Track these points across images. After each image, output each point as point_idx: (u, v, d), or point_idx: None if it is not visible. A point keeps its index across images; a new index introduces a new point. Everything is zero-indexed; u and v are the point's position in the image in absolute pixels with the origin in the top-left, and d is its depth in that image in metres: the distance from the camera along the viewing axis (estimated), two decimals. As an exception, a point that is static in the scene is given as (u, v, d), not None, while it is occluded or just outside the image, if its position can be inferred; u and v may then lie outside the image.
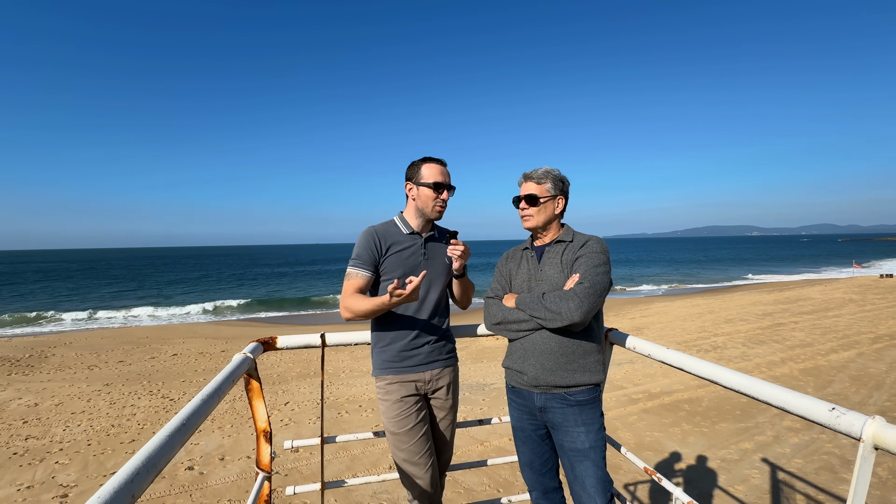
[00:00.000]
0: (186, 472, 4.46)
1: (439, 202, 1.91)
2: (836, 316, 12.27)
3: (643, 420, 5.53)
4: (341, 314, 1.83)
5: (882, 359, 7.75)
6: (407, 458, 1.86)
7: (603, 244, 1.76)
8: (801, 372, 7.25)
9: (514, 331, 1.76)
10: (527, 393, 1.79)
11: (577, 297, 1.60)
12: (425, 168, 1.92)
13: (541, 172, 1.84)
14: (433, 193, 1.89)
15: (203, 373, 9.12)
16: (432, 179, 1.89)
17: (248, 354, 1.42)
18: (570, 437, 1.70)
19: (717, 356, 8.59)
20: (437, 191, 1.90)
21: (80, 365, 9.81)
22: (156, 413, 6.44)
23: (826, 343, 9.10)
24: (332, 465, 4.57)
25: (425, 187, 1.90)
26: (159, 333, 15.07)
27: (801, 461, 4.36)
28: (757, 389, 1.09)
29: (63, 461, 4.85)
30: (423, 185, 1.90)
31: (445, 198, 1.92)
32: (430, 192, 1.90)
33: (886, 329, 10.18)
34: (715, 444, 4.81)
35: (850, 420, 0.89)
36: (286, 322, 20.03)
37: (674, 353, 1.47)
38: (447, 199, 1.93)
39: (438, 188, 1.90)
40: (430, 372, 1.93)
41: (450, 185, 1.94)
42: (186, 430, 0.88)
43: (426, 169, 1.92)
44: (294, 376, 8.60)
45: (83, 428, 5.84)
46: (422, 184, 1.91)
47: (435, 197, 1.90)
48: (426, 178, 1.90)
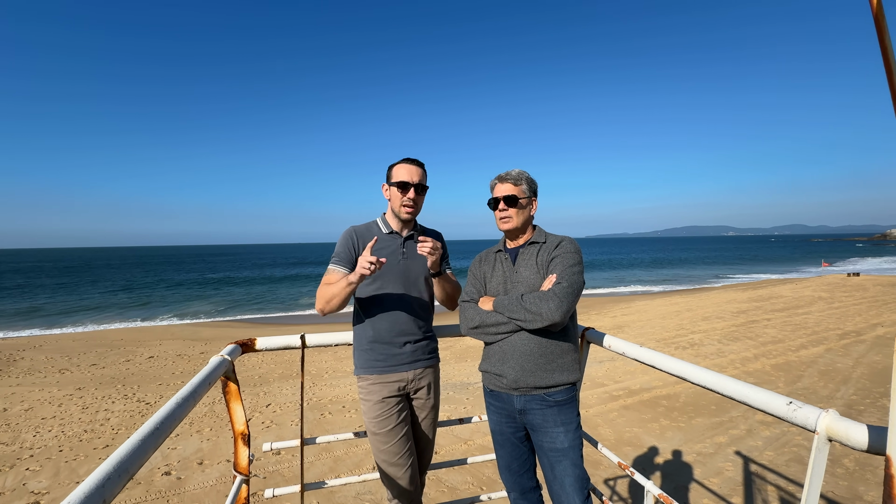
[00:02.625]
0: (163, 478, 4.36)
1: (405, 201, 1.91)
2: (806, 313, 12.74)
3: (623, 416, 5.65)
4: (315, 306, 1.83)
5: (849, 354, 8.08)
6: (387, 459, 1.86)
7: (576, 244, 1.79)
8: (773, 367, 7.51)
9: (493, 333, 1.76)
10: (506, 396, 1.79)
11: (556, 298, 1.61)
12: (396, 168, 1.95)
13: (516, 174, 1.84)
14: (399, 193, 1.91)
15: (181, 375, 8.92)
16: (398, 179, 1.91)
17: (226, 356, 1.40)
18: (549, 438, 1.72)
19: (694, 353, 8.82)
20: (401, 190, 1.90)
21: (51, 368, 9.47)
22: (130, 417, 6.27)
23: (796, 339, 9.45)
24: (315, 466, 4.54)
25: (394, 187, 1.92)
26: (135, 335, 14.66)
27: (773, 453, 4.53)
28: (721, 385, 1.14)
29: (34, 468, 4.69)
30: (392, 184, 1.93)
31: (411, 196, 1.91)
32: (396, 191, 1.91)
33: (853, 325, 10.62)
34: (691, 439, 4.94)
35: (806, 413, 0.94)
36: (270, 322, 19.72)
37: (646, 351, 1.52)
38: (413, 197, 1.91)
39: (403, 187, 1.90)
40: (412, 372, 1.94)
41: (418, 183, 1.92)
42: (160, 435, 0.88)
43: (396, 169, 1.94)
44: (276, 377, 8.48)
45: (54, 433, 5.65)
46: (392, 184, 1.93)
47: (400, 196, 1.91)
48: (395, 177, 1.93)
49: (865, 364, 7.43)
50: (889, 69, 0.91)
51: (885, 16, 0.90)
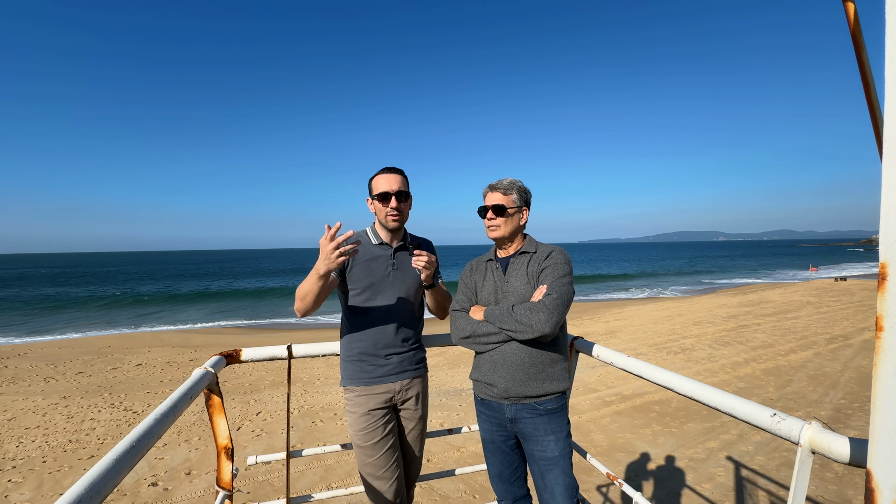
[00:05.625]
0: (150, 489, 4.28)
1: (390, 211, 1.89)
2: (795, 318, 12.89)
3: (616, 422, 5.65)
4: (294, 309, 1.79)
5: (837, 358, 8.18)
6: (372, 472, 1.84)
7: (566, 255, 1.79)
8: (762, 372, 7.57)
9: (484, 343, 1.76)
10: (497, 405, 1.79)
11: (546, 309, 1.62)
12: (374, 181, 1.93)
13: (506, 183, 1.85)
14: (381, 205, 1.90)
15: (169, 383, 8.78)
16: (378, 191, 1.90)
17: (209, 369, 1.38)
18: (540, 447, 1.72)
19: (685, 358, 8.87)
20: (383, 201, 1.89)
21: (36, 377, 9.28)
22: (117, 427, 6.16)
23: (786, 344, 9.54)
24: (306, 475, 4.48)
25: (376, 199, 1.91)
26: (123, 342, 14.43)
27: (763, 458, 4.55)
28: (707, 396, 1.14)
29: (16, 479, 4.57)
30: (374, 197, 1.92)
31: (394, 205, 1.88)
32: (379, 203, 1.90)
33: (841, 330, 10.76)
34: (683, 444, 4.96)
35: (790, 426, 0.94)
36: (262, 328, 19.52)
37: (633, 360, 1.52)
38: (396, 206, 1.89)
39: (384, 198, 1.89)
40: (400, 382, 1.92)
41: (399, 191, 1.89)
42: (136, 453, 0.85)
43: (375, 182, 1.93)
44: (267, 385, 8.38)
45: (38, 444, 5.53)
46: (374, 196, 1.92)
47: (384, 207, 1.89)
48: (374, 189, 1.92)
49: (853, 368, 7.52)
50: (865, 81, 0.92)
51: (861, 31, 0.91)
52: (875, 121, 0.82)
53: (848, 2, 0.85)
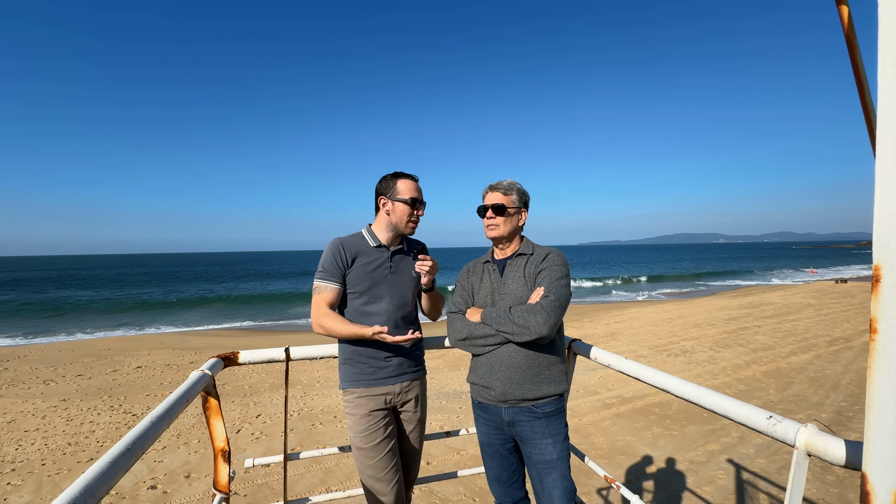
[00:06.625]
0: (148, 492, 4.27)
1: (414, 218, 1.93)
2: (796, 320, 12.86)
3: (616, 425, 5.64)
4: (313, 329, 1.81)
5: (837, 361, 8.16)
6: (373, 475, 1.84)
7: (563, 257, 1.80)
8: (763, 374, 7.55)
9: (481, 346, 1.75)
10: (494, 408, 1.79)
11: (544, 311, 1.62)
12: (401, 184, 1.92)
13: (507, 184, 1.86)
14: (408, 209, 1.90)
15: (169, 386, 8.77)
16: (409, 195, 1.90)
17: (206, 371, 1.38)
18: (538, 450, 1.72)
19: (686, 360, 8.85)
20: (413, 207, 1.91)
21: (35, 379, 9.27)
22: (116, 429, 6.14)
23: (786, 346, 9.52)
24: (305, 478, 4.47)
25: (401, 203, 1.90)
26: (123, 345, 14.42)
27: (764, 461, 4.54)
28: (704, 399, 1.14)
29: (15, 482, 4.57)
30: (398, 200, 1.90)
31: (420, 214, 1.94)
32: (405, 208, 1.90)
33: (841, 332, 10.74)
34: (684, 447, 4.94)
35: (785, 428, 0.94)
36: (262, 330, 19.50)
37: (631, 363, 1.52)
38: (421, 215, 1.95)
39: (415, 204, 1.91)
40: (399, 385, 1.92)
41: (423, 200, 1.97)
42: (132, 455, 0.85)
43: (402, 185, 1.92)
44: (267, 387, 8.37)
45: (37, 447, 5.52)
46: (398, 199, 1.91)
47: (410, 213, 1.91)
48: (402, 193, 1.91)
49: (854, 370, 7.50)
50: (860, 84, 0.93)
51: (855, 34, 0.92)
52: (869, 123, 0.83)
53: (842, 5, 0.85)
